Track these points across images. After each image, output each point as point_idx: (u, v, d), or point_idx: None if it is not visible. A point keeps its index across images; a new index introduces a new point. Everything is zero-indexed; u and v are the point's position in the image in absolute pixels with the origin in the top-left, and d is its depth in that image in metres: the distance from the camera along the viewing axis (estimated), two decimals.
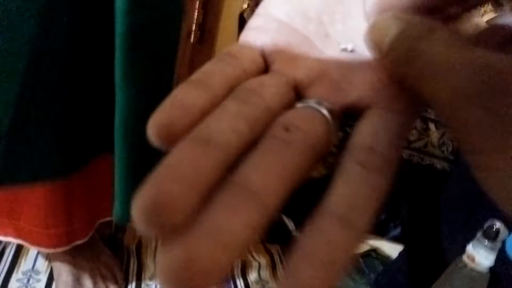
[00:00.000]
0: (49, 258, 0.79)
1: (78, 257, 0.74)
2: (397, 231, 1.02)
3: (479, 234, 0.69)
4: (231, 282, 0.86)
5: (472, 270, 0.67)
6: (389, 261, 1.02)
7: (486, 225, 0.69)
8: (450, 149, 0.90)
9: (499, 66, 0.15)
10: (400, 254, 0.94)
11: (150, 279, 0.81)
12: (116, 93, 0.53)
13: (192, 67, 1.15)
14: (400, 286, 0.88)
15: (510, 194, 0.15)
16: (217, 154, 0.15)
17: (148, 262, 0.85)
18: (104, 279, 0.76)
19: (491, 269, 0.68)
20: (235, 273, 0.87)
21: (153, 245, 0.90)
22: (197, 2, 1.07)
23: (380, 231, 1.03)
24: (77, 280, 0.74)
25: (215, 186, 0.15)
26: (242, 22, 0.99)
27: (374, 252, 1.04)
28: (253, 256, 0.93)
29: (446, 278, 0.71)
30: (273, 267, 0.92)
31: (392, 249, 1.02)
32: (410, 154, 0.94)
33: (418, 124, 0.91)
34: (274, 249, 0.97)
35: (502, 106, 0.14)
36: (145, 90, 0.55)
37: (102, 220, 0.72)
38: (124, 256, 0.85)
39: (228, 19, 1.04)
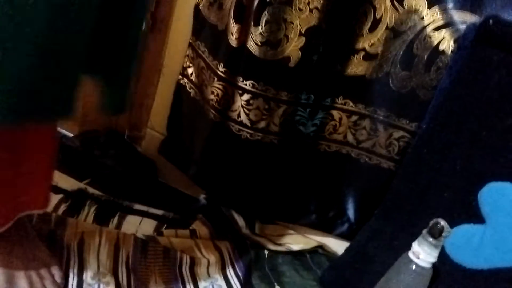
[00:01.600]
0: None
1: (10, 255, 0.69)
2: (344, 228, 1.04)
3: (424, 232, 0.72)
4: (179, 279, 0.83)
5: (417, 266, 0.70)
6: (335, 257, 1.04)
7: (430, 223, 0.72)
8: (396, 149, 0.93)
9: None
10: (346, 250, 0.96)
11: (92, 278, 0.77)
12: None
13: (143, 57, 1.11)
14: (346, 282, 0.90)
15: None
16: None
17: (91, 260, 0.80)
18: (41, 279, 0.71)
19: (434, 265, 0.71)
20: (184, 270, 0.85)
21: (96, 242, 0.85)
22: None
23: (327, 227, 1.05)
24: (10, 281, 0.68)
25: None
26: (197, 14, 0.96)
27: (321, 249, 1.06)
28: (202, 253, 0.92)
29: (393, 274, 0.74)
30: (222, 264, 0.90)
31: (338, 246, 1.05)
32: (359, 153, 0.97)
33: (368, 124, 0.93)
34: (224, 245, 0.96)
35: None
36: None
37: (23, 214, 0.67)
38: (64, 254, 0.79)
39: (182, 9, 1.01)
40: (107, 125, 1.19)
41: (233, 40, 0.85)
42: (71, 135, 1.21)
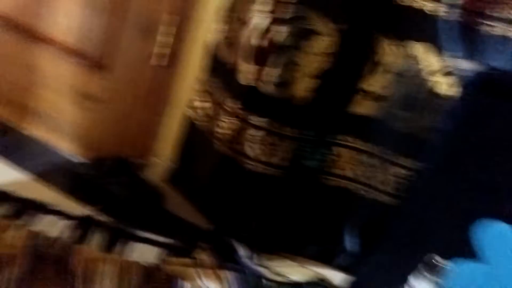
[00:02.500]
0: None
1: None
2: (343, 260, 1.06)
3: (420, 267, 0.74)
4: None
5: None
6: None
7: (426, 259, 0.74)
8: (394, 185, 0.96)
9: None
10: (346, 282, 0.97)
11: None
12: None
13: (155, 90, 1.15)
14: None
15: None
16: None
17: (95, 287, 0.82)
18: None
19: None
20: None
21: (101, 269, 0.87)
22: (167, 26, 1.08)
23: (327, 259, 1.07)
24: None
25: None
26: (209, 51, 1.01)
27: (320, 280, 1.07)
28: (203, 282, 0.93)
29: None
30: None
31: (338, 277, 1.06)
32: (358, 188, 1.00)
33: (368, 160, 0.96)
34: (224, 275, 0.97)
35: None
36: None
37: None
38: (69, 280, 0.81)
39: (194, 45, 1.06)
40: (115, 153, 1.22)
41: (242, 78, 0.90)
42: (80, 161, 1.24)
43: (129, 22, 1.12)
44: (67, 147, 1.29)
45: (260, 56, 0.87)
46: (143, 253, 0.97)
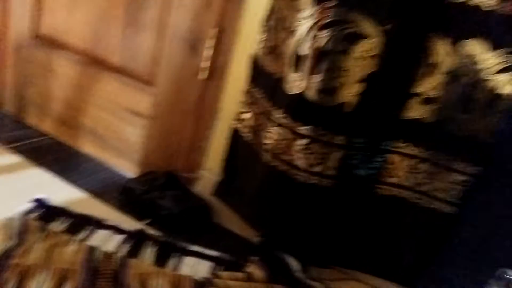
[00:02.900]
0: None
1: None
2: (402, 274, 1.00)
3: (491, 281, 0.69)
4: None
5: None
6: None
7: (497, 273, 0.69)
8: (456, 193, 0.91)
9: None
10: None
11: None
12: None
13: (201, 104, 1.16)
14: None
15: None
16: None
17: None
18: None
19: None
20: None
21: (156, 283, 0.87)
22: (211, 39, 1.09)
23: (385, 273, 1.02)
24: None
25: None
26: (254, 62, 1.01)
27: None
28: None
29: None
30: None
31: None
32: (417, 198, 0.95)
33: (427, 168, 0.92)
34: None
35: None
36: None
37: None
38: None
39: (240, 58, 1.06)
40: (165, 167, 1.24)
41: (288, 87, 0.88)
42: (131, 176, 1.27)
43: (174, 38, 1.14)
44: (118, 163, 1.32)
45: (306, 63, 0.85)
46: (195, 267, 0.97)
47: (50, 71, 1.36)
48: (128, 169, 1.31)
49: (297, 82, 0.87)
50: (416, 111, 0.88)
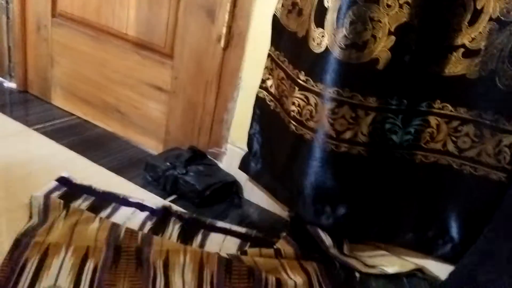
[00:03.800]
0: (72, 274, 0.75)
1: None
2: (446, 249, 0.92)
3: None
4: None
5: None
6: (437, 282, 0.92)
7: None
8: (508, 158, 0.80)
9: None
10: (451, 274, 0.84)
11: None
12: None
13: (221, 73, 1.10)
14: None
15: None
16: None
17: (176, 280, 0.79)
18: None
19: None
20: None
21: (181, 260, 0.83)
22: (228, 4, 1.02)
23: (426, 248, 0.94)
24: None
25: None
26: (275, 23, 0.93)
27: (420, 272, 0.95)
28: (288, 274, 0.86)
29: None
30: (310, 287, 0.84)
31: (440, 269, 0.93)
32: (462, 164, 0.85)
33: (471, 130, 0.82)
34: (311, 266, 0.89)
35: None
36: None
37: None
38: (150, 273, 0.79)
39: (259, 21, 0.99)
40: (188, 143, 1.20)
41: (314, 45, 0.80)
42: (155, 153, 1.25)
43: (190, 6, 1.09)
44: (142, 141, 1.30)
45: (330, 16, 0.76)
46: (221, 243, 0.93)
47: (70, 50, 1.34)
48: (152, 146, 1.28)
49: (320, 39, 0.79)
50: (457, 66, 0.79)
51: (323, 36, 0.78)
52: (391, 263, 0.95)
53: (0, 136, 1.17)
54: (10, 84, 1.51)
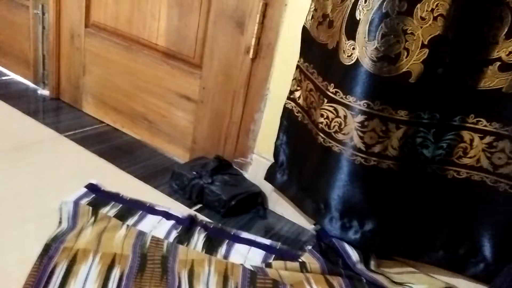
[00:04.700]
0: (98, 281, 0.75)
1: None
2: (479, 269, 0.89)
3: None
4: None
5: None
6: None
7: None
8: None
9: None
10: None
11: None
12: None
13: (249, 83, 1.11)
14: None
15: None
16: None
17: None
18: None
19: None
20: None
21: (206, 271, 0.83)
22: (258, 15, 1.03)
23: (457, 267, 0.91)
24: None
25: None
26: (305, 35, 0.93)
27: None
28: None
29: None
30: None
31: None
32: (496, 181, 0.82)
33: (507, 146, 0.79)
34: (336, 282, 0.87)
35: None
36: None
37: None
38: (175, 283, 0.79)
39: (288, 32, 0.99)
40: (215, 152, 1.21)
41: (345, 57, 0.80)
42: (181, 162, 1.25)
43: (219, 17, 1.10)
44: (169, 149, 1.32)
45: (361, 28, 0.75)
46: (246, 255, 0.92)
47: (102, 59, 1.38)
48: (178, 155, 1.30)
49: (351, 51, 0.79)
50: (493, 80, 0.76)
51: (353, 48, 0.78)
52: (419, 281, 0.92)
53: (32, 142, 1.21)
54: (44, 92, 1.56)
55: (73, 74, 1.47)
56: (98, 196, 1.00)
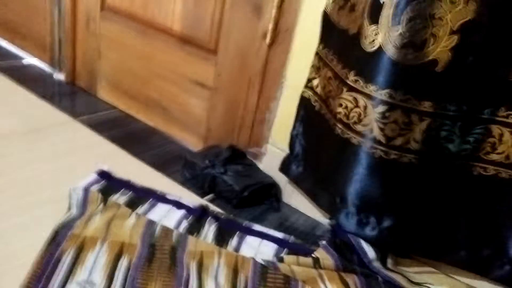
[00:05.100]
0: (105, 269, 0.74)
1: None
2: (504, 271, 0.84)
3: None
4: None
5: None
6: None
7: None
8: None
9: None
10: None
11: None
12: None
13: (265, 70, 1.07)
14: None
15: None
16: None
17: (209, 283, 0.76)
18: None
19: None
20: None
21: (215, 263, 0.81)
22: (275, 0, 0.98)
23: (481, 268, 0.86)
24: None
25: None
26: (325, 20, 0.88)
27: None
28: (326, 286, 0.81)
29: None
30: None
31: None
32: None
33: None
34: (351, 279, 0.84)
35: None
36: None
37: None
38: (183, 274, 0.76)
39: (307, 17, 0.94)
40: (229, 141, 1.18)
41: (366, 44, 0.75)
42: (194, 150, 1.23)
43: (237, 1, 1.05)
44: (183, 137, 1.29)
45: (385, 12, 0.70)
46: (257, 248, 0.89)
47: (117, 44, 1.36)
48: (192, 142, 1.27)
49: (373, 37, 0.74)
50: None
51: (376, 34, 0.73)
52: (439, 282, 0.87)
53: (47, 125, 1.20)
54: (59, 76, 1.55)
55: (88, 59, 1.45)
56: (108, 183, 0.98)
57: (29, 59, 1.65)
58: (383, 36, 0.72)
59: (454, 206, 0.83)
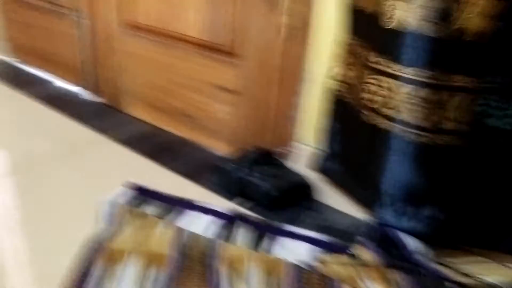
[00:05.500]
0: (135, 281, 0.72)
1: None
2: None
3: None
4: None
5: None
6: None
7: None
8: None
9: None
10: None
11: None
12: None
13: (286, 65, 1.03)
14: None
15: None
16: None
17: (241, 287, 0.73)
18: None
19: None
20: None
21: (246, 267, 0.78)
22: None
23: None
24: None
25: None
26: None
27: None
28: (366, 285, 0.76)
29: None
30: None
31: None
32: None
33: None
34: (393, 276, 0.78)
35: None
36: None
37: None
38: (213, 279, 0.74)
39: (323, 4, 0.90)
40: (256, 143, 1.15)
41: (385, 20, 0.70)
42: (222, 155, 1.21)
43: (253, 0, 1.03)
44: (210, 143, 1.28)
45: None
46: (294, 250, 0.86)
47: (136, 57, 1.37)
48: (219, 148, 1.26)
49: (391, 12, 0.69)
50: None
51: (394, 8, 0.68)
52: (490, 272, 0.80)
53: (79, 145, 1.23)
54: (86, 95, 1.59)
55: (111, 76, 1.48)
56: (137, 195, 0.98)
57: (57, 82, 1.70)
58: (402, 9, 0.67)
59: (502, 189, 0.76)
